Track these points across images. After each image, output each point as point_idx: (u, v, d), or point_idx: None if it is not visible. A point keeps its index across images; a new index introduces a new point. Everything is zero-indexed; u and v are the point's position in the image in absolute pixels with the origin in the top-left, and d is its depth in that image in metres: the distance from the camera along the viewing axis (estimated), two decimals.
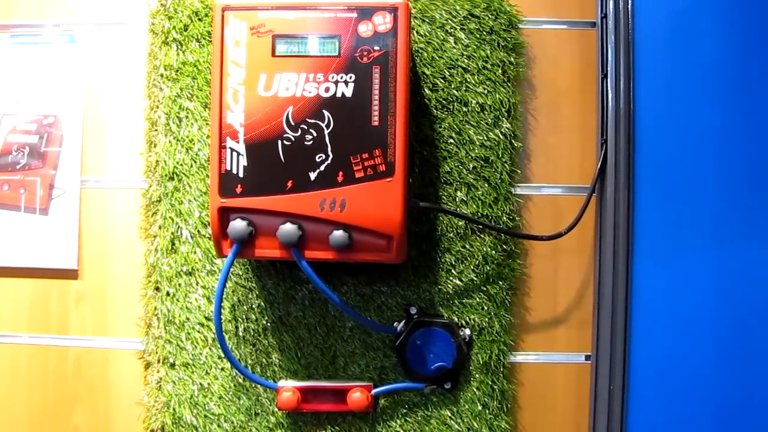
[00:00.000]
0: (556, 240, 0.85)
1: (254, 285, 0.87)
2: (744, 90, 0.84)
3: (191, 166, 0.87)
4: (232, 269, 0.86)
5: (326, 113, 0.73)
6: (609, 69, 0.86)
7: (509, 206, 0.87)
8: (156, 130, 0.89)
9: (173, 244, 0.87)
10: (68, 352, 0.91)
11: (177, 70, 0.88)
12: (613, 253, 0.85)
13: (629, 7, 0.85)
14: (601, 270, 0.86)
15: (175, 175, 0.87)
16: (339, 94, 0.73)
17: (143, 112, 0.90)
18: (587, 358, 0.88)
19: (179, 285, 0.87)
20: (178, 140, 0.87)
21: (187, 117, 0.88)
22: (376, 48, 0.73)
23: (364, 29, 0.73)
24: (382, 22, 0.73)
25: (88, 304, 0.91)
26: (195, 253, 0.87)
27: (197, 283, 0.87)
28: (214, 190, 0.73)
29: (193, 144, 0.88)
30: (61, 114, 0.91)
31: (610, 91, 0.85)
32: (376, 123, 0.73)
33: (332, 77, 0.73)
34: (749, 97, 0.84)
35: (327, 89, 0.73)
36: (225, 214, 0.74)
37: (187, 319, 0.87)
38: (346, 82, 0.73)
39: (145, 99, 0.90)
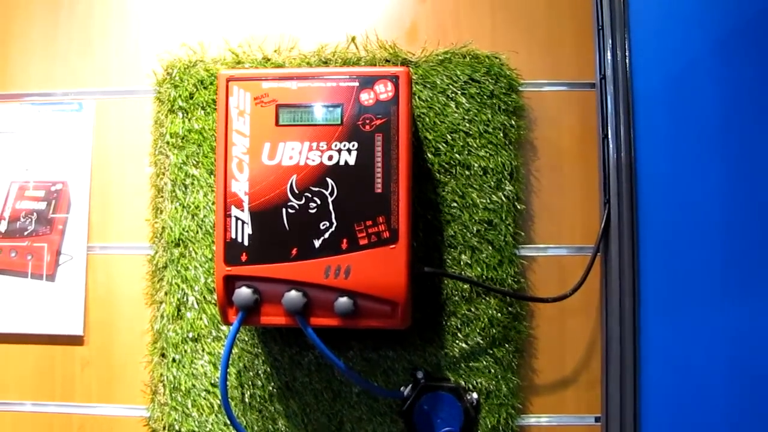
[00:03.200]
0: (562, 301, 0.86)
1: (260, 351, 0.87)
2: (744, 145, 0.84)
3: (197, 232, 0.88)
4: (237, 335, 0.85)
5: (330, 181, 0.74)
6: (609, 129, 0.87)
7: (514, 268, 0.88)
8: (162, 196, 0.90)
9: (179, 310, 0.88)
10: (72, 420, 0.91)
11: (183, 138, 0.90)
12: (620, 313, 0.85)
13: (627, 67, 0.87)
14: (608, 330, 0.86)
15: (181, 241, 0.88)
16: (342, 162, 0.74)
17: (149, 179, 0.92)
18: (597, 419, 0.88)
19: (185, 351, 0.87)
20: (183, 207, 0.89)
21: (192, 184, 0.89)
22: (378, 116, 0.75)
23: (366, 98, 0.75)
24: (383, 90, 0.74)
25: (93, 370, 0.91)
26: (201, 319, 0.88)
27: (203, 350, 0.88)
28: (220, 259, 0.74)
29: (199, 210, 0.89)
30: (69, 180, 0.93)
31: (611, 151, 0.87)
32: (379, 190, 0.74)
33: (335, 145, 0.74)
34: (749, 152, 0.84)
35: (330, 157, 0.74)
36: (230, 282, 0.75)
37: (193, 385, 0.87)
38: (349, 150, 0.74)
39: (152, 166, 0.92)
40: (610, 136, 0.87)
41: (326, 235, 0.74)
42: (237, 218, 0.75)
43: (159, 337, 0.89)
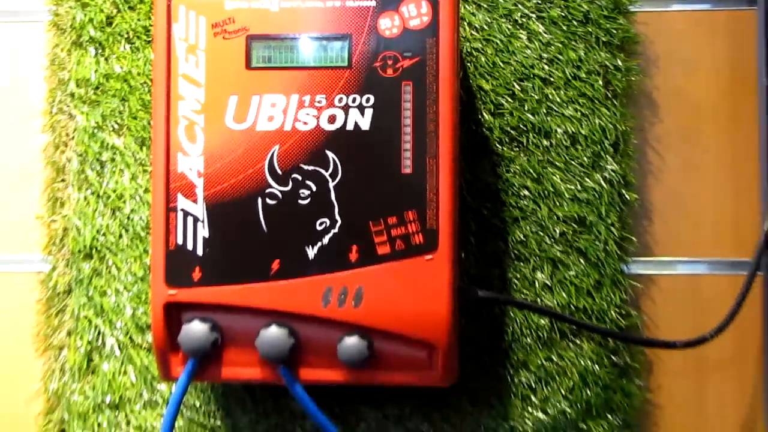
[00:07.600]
0: (698, 347, 0.83)
1: (219, 424, 0.86)
2: None
3: (120, 236, 0.86)
4: (185, 399, 0.86)
5: (331, 156, 0.73)
6: None
7: (620, 294, 0.84)
8: (63, 180, 0.89)
9: (90, 359, 0.86)
10: None
11: (97, 88, 0.88)
12: None
13: None
14: None
15: (94, 251, 0.87)
16: (350, 126, 0.73)
17: (43, 153, 0.90)
18: None
19: (99, 425, 0.86)
20: (99, 197, 0.87)
21: (113, 160, 0.87)
22: (407, 54, 0.73)
23: (389, 25, 0.73)
24: (415, 13, 0.73)
25: None
26: (125, 373, 0.86)
27: (128, 422, 0.86)
28: (159, 278, 0.73)
29: (124, 203, 0.86)
30: None
31: None
32: (407, 170, 0.73)
33: (340, 100, 0.74)
34: None
35: (332, 118, 0.73)
36: (175, 314, 0.74)
37: None
38: (361, 108, 0.73)
39: (47, 132, 0.90)
40: None
41: (326, 240, 0.73)
42: (186, 213, 0.73)
43: (57, 402, 0.87)
